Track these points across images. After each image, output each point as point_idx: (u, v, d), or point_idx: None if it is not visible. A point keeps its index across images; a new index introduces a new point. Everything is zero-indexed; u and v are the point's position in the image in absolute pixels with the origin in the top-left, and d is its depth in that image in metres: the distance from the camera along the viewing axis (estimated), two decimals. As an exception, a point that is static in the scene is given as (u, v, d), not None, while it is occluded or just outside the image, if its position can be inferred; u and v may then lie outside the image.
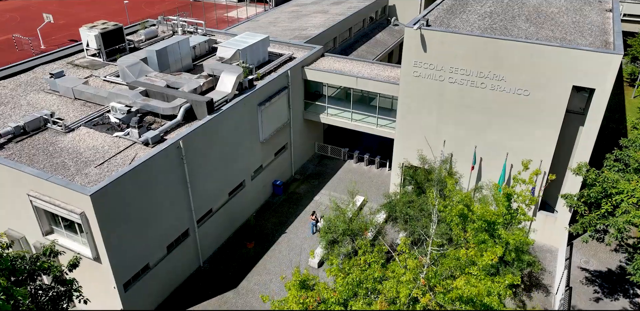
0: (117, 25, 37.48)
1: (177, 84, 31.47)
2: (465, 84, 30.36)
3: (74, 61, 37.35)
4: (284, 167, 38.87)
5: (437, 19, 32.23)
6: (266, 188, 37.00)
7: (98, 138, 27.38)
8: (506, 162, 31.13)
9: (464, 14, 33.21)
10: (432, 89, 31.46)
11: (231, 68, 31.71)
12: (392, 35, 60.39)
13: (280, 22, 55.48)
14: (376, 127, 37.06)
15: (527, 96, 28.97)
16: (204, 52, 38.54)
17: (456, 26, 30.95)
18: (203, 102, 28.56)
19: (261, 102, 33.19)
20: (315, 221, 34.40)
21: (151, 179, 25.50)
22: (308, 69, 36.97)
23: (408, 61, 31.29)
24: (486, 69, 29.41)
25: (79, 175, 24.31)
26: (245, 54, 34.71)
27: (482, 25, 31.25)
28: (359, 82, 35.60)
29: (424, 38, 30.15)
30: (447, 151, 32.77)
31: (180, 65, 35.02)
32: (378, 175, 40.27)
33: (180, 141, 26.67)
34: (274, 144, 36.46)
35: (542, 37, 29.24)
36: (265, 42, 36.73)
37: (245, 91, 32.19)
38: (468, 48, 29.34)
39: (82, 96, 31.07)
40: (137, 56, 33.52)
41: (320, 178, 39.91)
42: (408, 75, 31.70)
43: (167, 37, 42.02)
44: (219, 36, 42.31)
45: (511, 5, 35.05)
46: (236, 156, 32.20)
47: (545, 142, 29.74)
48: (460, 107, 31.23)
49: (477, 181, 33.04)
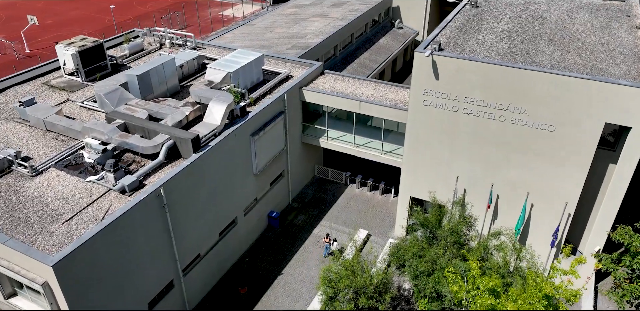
0: (96, 42, 34.09)
1: (160, 114, 28.24)
2: (481, 116, 27.14)
3: (50, 81, 34.04)
4: (281, 195, 35.78)
5: (450, 40, 28.87)
6: (261, 220, 33.95)
7: (69, 183, 24.23)
8: (526, 202, 28.02)
9: (480, 34, 29.83)
10: (444, 120, 28.25)
11: (220, 96, 28.45)
12: (396, 40, 56.89)
13: (277, 27, 52.00)
14: (381, 155, 33.87)
15: (551, 131, 25.77)
16: (193, 71, 35.21)
17: (472, 50, 27.61)
18: (188, 140, 25.38)
19: (254, 132, 30.01)
20: (328, 243, 32.03)
21: (127, 234, 22.44)
22: (306, 90, 33.69)
23: (417, 89, 28.03)
24: (506, 101, 26.17)
25: (43, 234, 21.22)
26: (237, 77, 31.40)
27: (500, 48, 27.90)
28: (363, 106, 32.35)
29: (436, 65, 26.87)
30: (460, 187, 29.66)
31: (166, 88, 31.74)
32: (383, 203, 37.17)
33: (161, 188, 23.53)
34: (270, 173, 33.34)
35: (570, 64, 25.93)
36: (259, 61, 33.39)
37: (236, 120, 29.01)
38: (486, 77, 26.07)
39: (55, 128, 27.88)
40: (116, 80, 30.20)
41: (319, 206, 36.83)
42: (417, 104, 28.46)
43: (153, 51, 38.68)
44: (210, 50, 38.93)
45: (531, 21, 31.63)
46: (227, 193, 29.11)
47: (571, 182, 26.60)
48: (475, 141, 28.05)
49: (492, 220, 30.01)
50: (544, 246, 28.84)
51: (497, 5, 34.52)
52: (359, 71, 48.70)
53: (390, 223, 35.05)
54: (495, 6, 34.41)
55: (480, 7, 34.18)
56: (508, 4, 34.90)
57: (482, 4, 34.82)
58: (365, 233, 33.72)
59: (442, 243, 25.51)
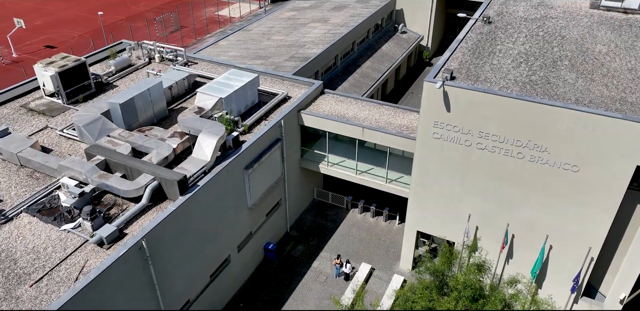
0: (78, 61, 31.52)
1: (145, 147, 25.79)
2: (497, 152, 24.70)
3: (29, 103, 31.54)
4: (278, 224, 33.45)
5: (463, 65, 26.32)
6: (257, 254, 31.65)
7: (41, 233, 21.86)
8: (545, 245, 25.69)
9: (495, 57, 27.25)
10: (455, 154, 25.82)
11: (210, 127, 25.99)
12: (400, 45, 54.17)
13: (275, 33, 49.33)
14: (386, 184, 31.46)
15: (575, 172, 23.34)
16: (183, 91, 32.65)
17: (487, 79, 25.06)
18: (174, 182, 22.96)
19: (249, 164, 27.58)
20: (339, 265, 30.86)
21: (105, 295, 20.11)
22: (305, 114, 31.19)
23: (427, 121, 25.56)
24: (525, 138, 23.71)
25: (7, 301, 18.89)
26: (230, 102, 28.91)
27: (518, 76, 25.35)
28: (366, 133, 29.86)
29: (447, 96, 24.38)
30: (472, 225, 27.31)
31: (152, 113, 29.24)
32: (386, 231, 34.83)
33: (143, 241, 21.17)
34: (266, 204, 30.97)
35: (596, 97, 23.41)
36: (254, 83, 30.85)
37: (228, 152, 26.58)
38: (503, 111, 23.59)
39: (29, 164, 25.46)
40: (98, 107, 27.68)
41: (319, 234, 34.49)
42: (426, 136, 26.01)
43: (141, 66, 36.08)
44: (202, 65, 36.33)
45: (549, 41, 29.03)
46: (218, 231, 26.78)
47: (595, 225, 24.24)
48: (490, 177, 25.65)
49: (507, 259, 27.70)
50: (563, 290, 26.56)
51: (512, 21, 31.91)
52: (361, 82, 46.16)
53: (395, 255, 32.76)
54: (509, 22, 31.79)
55: (493, 23, 31.57)
56: (523, 19, 32.28)
57: (495, 19, 32.22)
58: (369, 267, 31.41)
59: (454, 294, 23.21)
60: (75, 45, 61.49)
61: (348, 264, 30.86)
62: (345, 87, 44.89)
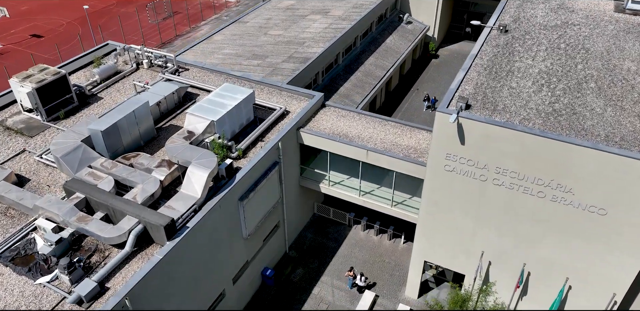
0: (58, 74, 28.97)
1: (129, 181, 23.55)
2: (515, 189, 22.51)
3: (5, 119, 29.17)
4: (276, 247, 31.54)
5: (478, 89, 23.85)
6: (254, 281, 29.83)
7: (14, 288, 19.88)
8: (564, 287, 23.78)
9: (513, 77, 24.74)
10: (469, 188, 23.64)
11: (201, 157, 23.71)
12: (404, 38, 51.22)
13: (273, 27, 46.39)
14: (392, 207, 29.36)
15: (602, 215, 21.21)
16: (173, 106, 30.17)
17: (505, 107, 22.63)
18: (160, 227, 20.84)
19: (244, 194, 25.43)
20: (352, 277, 30.08)
21: (85, 362, 18.31)
22: (305, 132, 28.84)
23: (438, 153, 23.29)
24: (547, 177, 21.48)
25: None
26: (223, 124, 26.53)
27: (540, 103, 22.91)
28: (370, 155, 27.58)
29: (462, 128, 22.02)
30: (484, 261, 25.36)
31: (139, 134, 26.87)
32: (391, 251, 32.92)
33: (127, 299, 19.20)
34: (263, 230, 28.98)
35: (628, 133, 21.03)
36: (250, 99, 28.36)
37: (221, 183, 24.41)
38: (524, 147, 21.28)
39: (3, 200, 23.30)
40: (78, 132, 25.30)
41: (320, 255, 32.61)
42: (437, 168, 23.77)
43: (128, 73, 33.49)
44: (193, 71, 33.71)
45: (572, 56, 26.44)
46: (212, 268, 24.86)
47: (621, 271, 22.27)
48: (506, 214, 23.55)
49: (520, 297, 25.86)
50: (581, 331, 24.84)
51: (530, 29, 29.22)
52: (364, 82, 43.54)
53: (400, 279, 30.97)
54: (527, 30, 29.11)
55: (510, 32, 28.90)
56: (542, 26, 29.58)
57: (512, 26, 29.52)
58: (372, 295, 29.62)
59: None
60: (62, 35, 58.46)
61: (362, 277, 29.90)
62: (348, 88, 42.32)
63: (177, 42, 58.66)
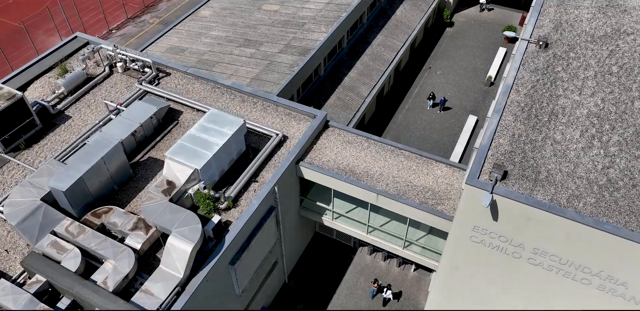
0: (14, 97, 24.47)
1: (99, 254, 19.98)
2: (555, 272, 19.07)
3: (-44, 152, 25.11)
4: (274, 282, 28.65)
5: (516, 146, 19.67)
6: (250, 325, 27.24)
7: None
8: (601, 370, 21.01)
9: (557, 124, 20.44)
10: (499, 263, 20.19)
11: (183, 223, 20.02)
12: (417, 7, 45.43)
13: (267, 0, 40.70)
14: (402, 249, 26.06)
15: (659, 313, 17.96)
16: (152, 131, 25.91)
17: (549, 176, 18.60)
18: (135, 328, 17.65)
19: (235, 256, 22.02)
20: (377, 288, 28.88)
21: None
22: (304, 167, 24.89)
23: (464, 224, 19.59)
24: (596, 267, 17.97)
25: None
26: (209, 170, 22.49)
27: (591, 168, 18.85)
28: (381, 200, 23.85)
29: (496, 204, 18.17)
30: (509, 330, 22.45)
31: (111, 180, 22.95)
32: (400, 281, 30.03)
33: None
34: (258, 277, 25.88)
35: (700, 218, 17.26)
36: (241, 130, 24.04)
37: (209, 246, 20.94)
38: (570, 235, 17.57)
39: (-49, 278, 19.89)
40: (38, 186, 21.38)
41: (322, 286, 29.78)
42: (462, 238, 20.19)
43: (100, 80, 28.86)
44: (176, 77, 29.01)
45: (627, 87, 21.92)
46: (201, 337, 22.00)
47: (670, 364, 19.35)
48: (542, 293, 20.25)
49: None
50: None
51: (574, 42, 24.41)
52: (371, 68, 38.66)
53: (409, 317, 28.40)
54: (571, 44, 24.31)
55: (550, 47, 24.12)
56: (589, 35, 24.73)
57: (553, 38, 24.67)
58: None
59: None
60: None
61: (389, 290, 28.47)
62: (353, 77, 37.54)
63: (162, 4, 52.41)
